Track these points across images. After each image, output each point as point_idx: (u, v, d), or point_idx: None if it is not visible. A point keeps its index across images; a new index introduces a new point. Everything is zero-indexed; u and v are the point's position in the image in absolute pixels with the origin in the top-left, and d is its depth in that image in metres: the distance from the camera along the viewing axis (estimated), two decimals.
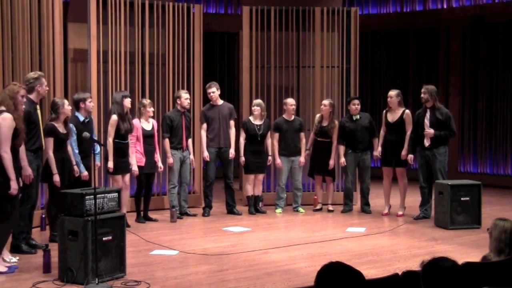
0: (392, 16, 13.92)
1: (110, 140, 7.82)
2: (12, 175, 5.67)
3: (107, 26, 8.96)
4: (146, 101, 8.48)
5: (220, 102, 9.10)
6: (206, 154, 8.94)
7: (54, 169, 6.89)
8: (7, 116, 5.69)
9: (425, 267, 2.96)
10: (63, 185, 6.93)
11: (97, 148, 7.69)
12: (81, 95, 7.65)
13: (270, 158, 9.25)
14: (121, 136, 7.91)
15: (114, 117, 7.88)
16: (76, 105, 7.53)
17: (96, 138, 7.74)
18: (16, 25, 7.56)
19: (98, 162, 7.92)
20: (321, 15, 10.05)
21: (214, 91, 8.98)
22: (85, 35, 8.99)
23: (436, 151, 8.49)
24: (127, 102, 7.96)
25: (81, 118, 7.48)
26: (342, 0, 11.91)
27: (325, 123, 9.22)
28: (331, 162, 9.19)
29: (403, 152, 8.75)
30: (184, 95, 8.75)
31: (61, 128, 6.99)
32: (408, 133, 8.81)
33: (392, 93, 8.92)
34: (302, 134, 9.31)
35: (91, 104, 7.63)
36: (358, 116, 9.19)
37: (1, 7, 7.42)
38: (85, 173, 7.32)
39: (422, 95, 8.61)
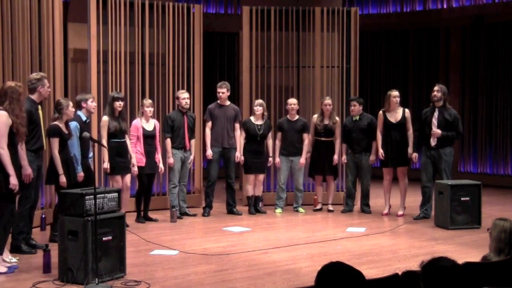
0: (392, 16, 13.93)
1: (104, 142, 7.83)
2: (11, 171, 5.67)
3: (107, 26, 8.96)
4: (147, 101, 8.48)
5: (227, 103, 9.11)
6: (209, 152, 8.94)
7: (60, 170, 6.87)
8: (2, 113, 5.69)
9: (425, 267, 2.96)
10: (68, 186, 6.92)
11: (90, 153, 7.67)
12: (83, 95, 7.73)
13: (270, 159, 9.26)
14: (114, 135, 7.93)
15: (104, 118, 7.95)
16: (78, 105, 7.58)
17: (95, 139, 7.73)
18: (16, 25, 7.56)
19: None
20: (321, 15, 10.05)
21: (224, 91, 9.02)
22: (85, 35, 8.99)
23: (442, 151, 8.48)
24: (117, 105, 7.96)
25: (83, 118, 7.52)
26: (342, 0, 11.92)
27: (327, 121, 9.22)
28: (335, 157, 9.20)
29: (410, 150, 8.76)
30: (181, 95, 8.76)
31: (64, 129, 7.01)
32: (410, 131, 8.82)
33: (398, 93, 8.91)
34: (305, 135, 9.27)
35: (93, 104, 7.66)
36: (357, 117, 9.19)
37: (1, 7, 7.42)
38: (81, 173, 7.29)
39: (435, 93, 8.53)
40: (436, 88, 8.58)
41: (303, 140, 9.26)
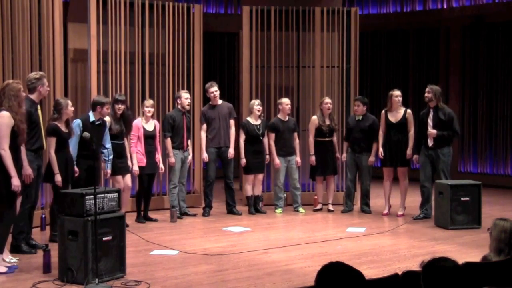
0: (392, 16, 13.92)
1: None
2: (13, 172, 5.68)
3: (107, 26, 8.96)
4: (147, 101, 8.48)
5: (220, 101, 9.10)
6: (205, 155, 8.94)
7: (56, 169, 6.90)
8: (5, 114, 5.70)
9: (425, 267, 2.96)
10: (66, 185, 6.93)
11: (109, 155, 7.69)
12: (101, 99, 7.65)
13: (267, 157, 9.25)
14: (114, 137, 7.92)
15: (107, 119, 7.93)
16: (93, 106, 7.59)
17: (106, 142, 7.74)
18: (16, 25, 7.56)
19: (108, 169, 7.83)
20: (321, 15, 10.05)
21: (217, 89, 9.02)
22: (85, 35, 8.99)
23: (440, 151, 8.49)
24: (116, 107, 7.94)
25: (92, 119, 7.51)
26: (342, 0, 11.91)
27: (328, 122, 9.22)
28: (343, 155, 9.29)
29: (408, 151, 8.77)
30: (184, 95, 8.76)
31: (63, 128, 7.00)
32: (411, 132, 8.83)
33: (399, 92, 8.91)
34: (296, 134, 9.32)
35: (108, 111, 7.64)
36: (360, 117, 9.19)
37: (1, 7, 7.42)
38: (75, 169, 7.30)
39: (426, 94, 8.59)
40: (427, 89, 8.63)
41: (294, 139, 9.27)
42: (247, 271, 6.00)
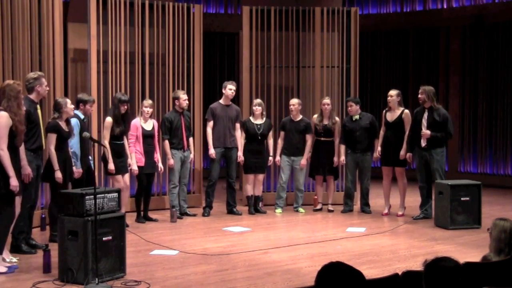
0: (392, 16, 13.93)
1: (106, 143, 7.82)
2: (11, 172, 5.67)
3: (107, 26, 8.96)
4: (146, 101, 8.47)
5: (230, 102, 9.12)
6: (212, 151, 8.92)
7: (56, 165, 6.89)
8: (3, 114, 5.69)
9: (428, 267, 2.96)
10: (64, 184, 6.94)
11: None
12: (85, 97, 7.74)
13: (270, 158, 9.25)
14: (115, 137, 7.93)
15: (108, 120, 7.94)
16: (77, 104, 7.59)
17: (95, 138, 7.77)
18: (16, 25, 7.56)
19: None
20: (321, 15, 10.05)
21: (235, 89, 9.03)
22: (85, 35, 8.99)
23: (433, 152, 8.49)
24: (122, 108, 7.94)
25: (82, 116, 7.55)
26: (342, 0, 11.91)
27: (326, 122, 9.22)
28: (335, 159, 9.20)
29: (402, 152, 8.77)
30: (183, 96, 8.76)
31: (63, 126, 7.01)
32: (407, 133, 8.83)
33: (393, 92, 8.93)
34: (308, 136, 9.25)
35: (92, 108, 7.74)
36: (357, 117, 9.18)
37: (1, 7, 7.42)
38: (80, 170, 7.30)
39: (419, 96, 8.61)
40: (420, 90, 8.64)
41: (306, 140, 9.26)
42: (247, 271, 6.00)
